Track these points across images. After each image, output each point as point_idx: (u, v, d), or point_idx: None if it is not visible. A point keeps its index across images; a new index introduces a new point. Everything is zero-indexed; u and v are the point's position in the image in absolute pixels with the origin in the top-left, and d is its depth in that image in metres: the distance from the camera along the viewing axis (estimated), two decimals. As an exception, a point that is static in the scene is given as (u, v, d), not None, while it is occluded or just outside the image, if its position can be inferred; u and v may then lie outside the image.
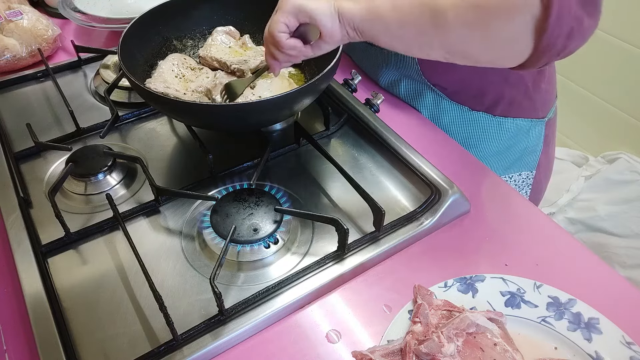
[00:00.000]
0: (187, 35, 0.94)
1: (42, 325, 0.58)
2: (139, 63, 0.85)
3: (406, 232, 0.70)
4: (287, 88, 0.82)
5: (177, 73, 0.84)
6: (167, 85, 0.80)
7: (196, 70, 0.86)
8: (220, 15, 0.94)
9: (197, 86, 0.82)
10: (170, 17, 0.89)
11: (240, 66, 0.84)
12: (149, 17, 0.85)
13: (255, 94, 0.80)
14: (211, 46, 0.88)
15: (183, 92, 0.80)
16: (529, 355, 0.57)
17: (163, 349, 0.57)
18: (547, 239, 0.71)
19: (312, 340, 0.60)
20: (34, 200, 0.75)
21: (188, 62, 0.87)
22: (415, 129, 0.90)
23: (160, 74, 0.82)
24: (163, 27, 0.89)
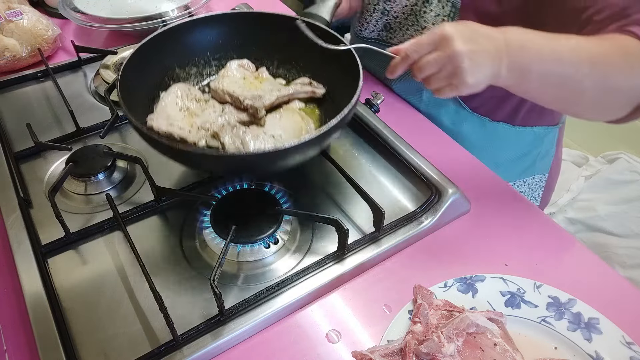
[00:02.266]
0: (190, 63, 0.85)
1: (42, 325, 0.58)
2: (140, 96, 0.76)
3: (406, 232, 0.70)
4: (299, 124, 0.75)
5: (181, 106, 0.76)
6: (171, 122, 0.72)
7: (201, 102, 0.79)
8: (227, 40, 0.85)
9: (202, 122, 0.74)
10: (172, 44, 0.81)
11: (253, 102, 0.75)
12: (148, 46, 0.77)
13: (267, 133, 0.73)
14: (224, 77, 0.80)
15: (188, 130, 0.72)
16: (529, 355, 0.57)
17: (163, 349, 0.57)
18: (547, 239, 0.71)
19: (312, 340, 0.60)
20: (34, 200, 0.75)
21: (193, 93, 0.79)
22: (415, 129, 0.90)
23: (163, 108, 0.74)
24: (164, 55, 0.81)
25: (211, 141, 0.72)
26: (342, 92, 0.72)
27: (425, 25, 0.85)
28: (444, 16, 0.82)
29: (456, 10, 0.81)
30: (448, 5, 0.81)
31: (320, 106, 0.81)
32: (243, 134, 0.71)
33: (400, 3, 0.87)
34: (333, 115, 0.66)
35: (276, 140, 0.72)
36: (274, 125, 0.75)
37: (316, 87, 0.80)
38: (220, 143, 0.71)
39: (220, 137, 0.71)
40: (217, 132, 0.72)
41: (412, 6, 0.86)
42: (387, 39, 0.94)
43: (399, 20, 0.89)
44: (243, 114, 0.76)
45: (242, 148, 0.69)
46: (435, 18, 0.83)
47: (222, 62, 0.85)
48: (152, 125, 0.70)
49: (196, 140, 0.71)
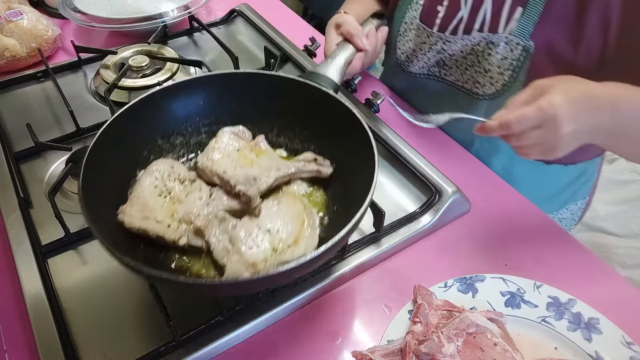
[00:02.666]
0: (175, 132, 0.72)
1: (42, 325, 0.58)
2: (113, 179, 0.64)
3: (406, 233, 0.70)
4: (301, 215, 0.63)
5: (161, 190, 0.64)
6: (146, 215, 0.61)
7: (187, 183, 0.66)
8: (218, 104, 0.73)
9: (185, 213, 0.62)
10: (153, 112, 0.69)
11: (247, 190, 0.63)
12: (124, 117, 0.64)
13: (261, 227, 0.61)
14: (214, 150, 0.68)
15: (167, 223, 0.61)
16: (529, 355, 0.57)
17: (163, 349, 0.57)
18: (547, 239, 0.71)
19: (312, 340, 0.60)
20: (34, 200, 0.75)
21: (176, 172, 0.66)
22: (415, 129, 0.90)
23: (139, 195, 0.62)
24: (143, 125, 0.68)
25: (194, 239, 0.61)
26: (352, 170, 0.64)
27: (489, 68, 0.80)
28: (512, 60, 0.77)
29: (528, 54, 0.75)
30: (518, 49, 0.75)
31: (327, 188, 0.69)
32: (232, 229, 0.61)
33: (459, 42, 0.82)
34: (341, 201, 0.63)
35: (272, 237, 0.61)
36: (270, 216, 0.63)
37: (322, 165, 0.68)
38: (205, 242, 0.61)
39: (205, 235, 0.60)
40: (201, 228, 0.60)
41: (473, 46, 0.81)
42: (439, 74, 0.90)
43: (455, 58, 0.85)
44: (234, 201, 0.64)
45: (230, 248, 0.59)
46: (502, 61, 0.78)
47: (214, 128, 0.72)
48: (124, 220, 0.60)
49: (176, 238, 0.60)
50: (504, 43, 0.76)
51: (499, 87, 0.80)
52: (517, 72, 0.77)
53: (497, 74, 0.79)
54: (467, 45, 0.81)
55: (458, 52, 0.83)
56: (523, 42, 0.74)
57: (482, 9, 0.78)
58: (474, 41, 0.80)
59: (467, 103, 0.87)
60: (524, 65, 0.76)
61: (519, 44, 0.75)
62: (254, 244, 0.60)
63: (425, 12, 0.85)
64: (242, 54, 1.02)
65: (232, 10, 1.18)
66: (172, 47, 1.06)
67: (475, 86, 0.84)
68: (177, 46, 1.09)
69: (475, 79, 0.83)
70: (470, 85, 0.85)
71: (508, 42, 0.76)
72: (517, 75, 0.77)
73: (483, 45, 0.79)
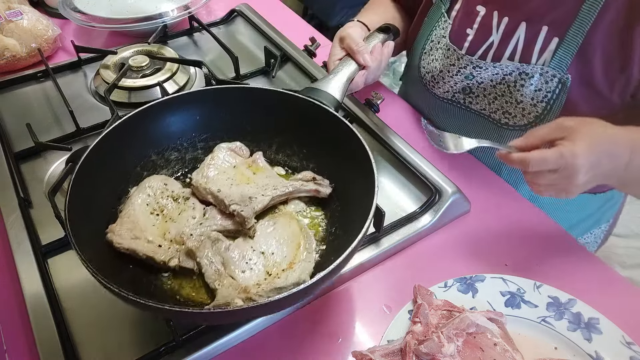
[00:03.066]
0: (170, 147, 0.70)
1: (42, 325, 0.58)
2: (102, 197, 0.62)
3: (406, 233, 0.70)
4: (297, 237, 0.61)
5: (153, 207, 0.62)
6: (136, 235, 0.59)
7: (180, 201, 0.64)
8: (214, 118, 0.71)
9: (177, 233, 0.60)
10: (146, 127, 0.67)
11: (241, 209, 0.60)
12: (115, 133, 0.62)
13: (255, 249, 0.60)
14: (209, 167, 0.66)
15: (158, 244, 0.59)
16: (529, 355, 0.57)
17: (163, 349, 0.57)
18: (547, 239, 0.71)
19: (312, 340, 0.60)
20: (34, 200, 0.75)
21: (170, 189, 0.65)
22: (415, 129, 0.90)
23: (129, 214, 0.61)
24: (137, 140, 0.67)
25: (186, 260, 0.59)
26: (351, 190, 0.63)
27: (521, 100, 0.77)
28: (547, 92, 0.74)
29: (564, 87, 0.72)
30: (554, 81, 0.73)
31: (325, 208, 0.68)
32: (225, 251, 0.59)
33: (490, 70, 0.79)
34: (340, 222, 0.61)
35: (266, 260, 0.59)
36: (265, 237, 0.61)
37: (321, 185, 0.67)
38: (196, 263, 0.59)
39: (196, 257, 0.58)
40: (192, 249, 0.59)
41: (504, 75, 0.77)
42: (464, 102, 0.86)
43: (483, 86, 0.81)
44: (228, 221, 0.62)
45: (222, 271, 0.57)
46: (536, 93, 0.75)
47: (210, 144, 0.71)
48: (113, 239, 0.58)
49: (166, 259, 0.59)
50: (539, 74, 0.74)
51: (531, 118, 0.77)
52: (551, 104, 0.74)
53: (530, 106, 0.76)
54: (497, 74, 0.78)
55: (487, 80, 0.80)
56: (560, 74, 0.72)
57: (515, 36, 0.75)
58: (505, 70, 0.77)
59: (495, 132, 0.83)
60: (559, 98, 0.73)
61: (555, 76, 0.72)
62: (247, 267, 0.58)
63: (454, 32, 0.82)
64: (242, 54, 1.02)
65: (232, 10, 1.18)
66: (172, 47, 1.06)
67: (505, 117, 0.80)
68: (177, 46, 1.09)
69: (505, 109, 0.80)
70: (499, 115, 0.81)
71: (543, 73, 0.73)
72: (551, 107, 0.74)
73: (515, 76, 0.76)
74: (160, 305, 0.47)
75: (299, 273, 0.57)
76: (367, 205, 0.55)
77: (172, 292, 0.59)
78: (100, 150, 0.60)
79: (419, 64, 0.90)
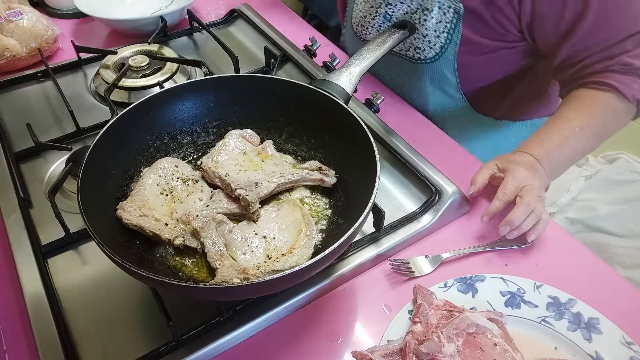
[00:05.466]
0: (183, 131, 0.72)
1: (42, 325, 0.58)
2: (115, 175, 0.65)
3: (406, 233, 0.70)
4: (299, 224, 0.63)
5: (163, 188, 0.64)
6: (145, 212, 0.61)
7: (189, 183, 0.67)
8: (227, 105, 0.73)
9: (184, 213, 0.62)
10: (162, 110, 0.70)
11: (246, 193, 0.62)
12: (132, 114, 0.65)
13: (258, 233, 0.62)
14: (220, 152, 0.68)
15: (165, 222, 0.62)
16: (529, 355, 0.57)
17: (163, 349, 0.57)
18: (547, 239, 0.71)
19: (312, 339, 0.60)
20: (34, 200, 0.75)
21: (180, 171, 0.67)
22: (415, 129, 0.90)
23: (140, 192, 0.63)
24: (152, 122, 0.69)
25: (190, 239, 0.61)
26: (355, 182, 0.64)
27: (426, 33, 0.86)
28: (446, 22, 0.83)
29: (459, 16, 0.81)
30: (450, 12, 0.82)
31: (329, 197, 0.69)
32: (229, 233, 0.61)
33: (401, 9, 0.88)
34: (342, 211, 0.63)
35: (267, 244, 0.61)
36: (268, 223, 0.63)
37: (326, 175, 0.68)
38: (200, 243, 0.61)
39: (200, 237, 0.60)
40: (197, 229, 0.61)
41: (411, 14, 0.86)
42: None
43: None
44: (234, 204, 0.64)
45: (224, 252, 0.59)
46: (437, 25, 0.84)
47: (222, 130, 0.73)
48: (122, 216, 0.60)
49: (171, 237, 0.61)
50: (437, 7, 0.83)
51: (437, 49, 0.87)
52: (451, 33, 0.84)
53: (434, 37, 0.85)
54: (406, 13, 0.87)
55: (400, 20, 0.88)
56: (454, 4, 0.81)
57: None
58: (411, 7, 0.86)
59: (411, 69, 0.93)
60: (457, 27, 0.83)
61: (450, 7, 0.81)
62: (249, 249, 0.60)
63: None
64: (242, 54, 1.02)
65: (232, 10, 1.18)
66: (172, 47, 1.06)
67: (417, 52, 0.89)
68: (177, 46, 1.09)
69: (415, 45, 0.89)
70: (412, 52, 0.90)
71: (441, 6, 0.82)
72: (451, 37, 0.84)
73: (420, 13, 0.85)
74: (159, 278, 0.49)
75: (297, 258, 0.59)
76: (368, 197, 0.56)
77: (175, 270, 0.61)
78: (116, 130, 0.63)
79: (351, 16, 0.99)
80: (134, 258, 0.59)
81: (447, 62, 0.88)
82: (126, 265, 0.49)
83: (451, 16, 0.82)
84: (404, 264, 0.67)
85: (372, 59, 0.77)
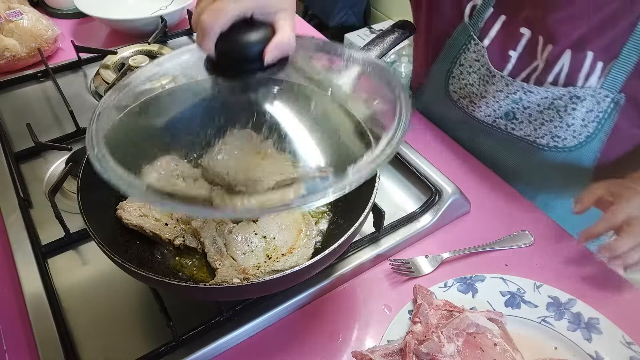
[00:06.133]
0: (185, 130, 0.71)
1: (42, 325, 0.58)
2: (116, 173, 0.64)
3: (406, 233, 0.70)
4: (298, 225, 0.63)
5: None
6: (144, 212, 0.61)
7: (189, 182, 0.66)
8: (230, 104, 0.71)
9: None
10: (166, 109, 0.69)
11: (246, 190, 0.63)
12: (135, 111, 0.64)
13: (258, 233, 0.62)
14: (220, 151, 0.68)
15: (165, 223, 0.63)
16: (529, 355, 0.57)
17: (163, 349, 0.57)
18: (547, 239, 0.71)
19: (312, 340, 0.60)
20: (34, 200, 0.75)
21: (180, 170, 0.66)
22: (415, 129, 0.90)
23: None
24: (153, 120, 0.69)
25: (190, 239, 0.62)
26: None
27: (573, 122, 0.74)
28: (599, 112, 0.72)
29: (616, 106, 0.71)
30: (606, 101, 0.71)
31: None
32: (229, 233, 0.61)
33: (539, 94, 0.75)
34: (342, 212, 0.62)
35: (267, 244, 0.62)
36: (268, 223, 0.63)
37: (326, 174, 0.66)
38: (200, 243, 0.61)
39: (200, 237, 0.61)
40: (197, 229, 0.61)
41: (553, 100, 0.74)
42: (505, 128, 0.81)
43: (529, 112, 0.77)
44: None
45: (224, 251, 0.60)
46: (587, 114, 0.73)
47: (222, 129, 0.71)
48: (122, 215, 0.61)
49: (171, 237, 0.61)
50: (590, 96, 0.71)
51: (582, 139, 0.76)
52: (602, 123, 0.73)
53: (581, 127, 0.75)
54: (546, 99, 0.74)
55: (534, 105, 0.76)
56: (613, 94, 0.71)
57: (559, 63, 0.72)
58: (555, 94, 0.73)
59: (538, 155, 0.81)
60: (611, 116, 0.73)
61: (608, 96, 0.71)
62: (248, 249, 0.61)
63: (494, 55, 0.77)
64: (242, 54, 1.02)
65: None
66: (172, 47, 1.06)
67: (554, 140, 0.78)
68: (177, 46, 1.09)
69: (554, 133, 0.77)
70: (546, 140, 0.78)
71: (594, 94, 0.71)
72: (602, 126, 0.74)
73: (566, 100, 0.73)
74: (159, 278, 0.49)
75: (297, 258, 0.59)
76: (368, 197, 0.56)
77: (175, 270, 0.61)
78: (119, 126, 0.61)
79: (447, 87, 0.86)
80: (134, 258, 0.59)
81: (589, 151, 0.77)
82: (126, 265, 0.50)
83: (606, 106, 0.72)
84: (404, 264, 0.67)
85: None
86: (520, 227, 0.73)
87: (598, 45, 0.69)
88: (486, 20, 0.77)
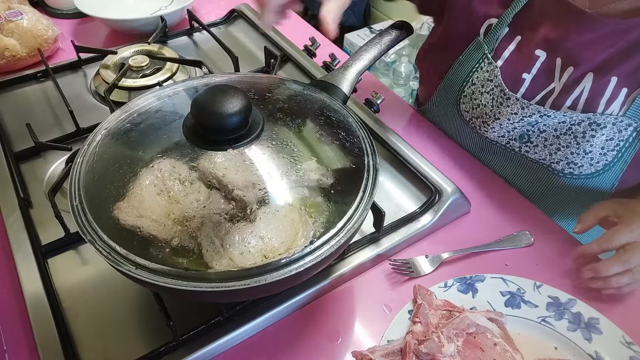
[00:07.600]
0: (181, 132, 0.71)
1: (42, 325, 0.58)
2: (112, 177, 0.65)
3: (406, 233, 0.70)
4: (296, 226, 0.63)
5: (160, 189, 0.64)
6: (141, 213, 0.61)
7: (186, 184, 0.66)
8: None
9: (181, 214, 0.63)
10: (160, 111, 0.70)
11: (244, 194, 0.63)
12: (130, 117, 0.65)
13: (255, 233, 0.62)
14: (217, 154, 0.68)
15: (162, 223, 0.63)
16: (529, 355, 0.57)
17: (163, 349, 0.57)
18: (547, 239, 0.71)
19: (312, 340, 0.60)
20: (34, 200, 0.75)
21: (177, 172, 0.67)
22: (415, 129, 0.90)
23: (137, 193, 0.63)
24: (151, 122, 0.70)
25: (187, 240, 0.61)
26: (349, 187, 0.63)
27: (590, 150, 0.71)
28: (619, 140, 0.70)
29: (639, 135, 0.69)
30: (628, 130, 0.68)
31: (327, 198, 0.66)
32: (225, 234, 0.61)
33: (556, 118, 0.72)
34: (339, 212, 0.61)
35: (265, 245, 0.61)
36: (266, 223, 0.63)
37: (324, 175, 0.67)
38: (197, 243, 0.61)
39: (197, 238, 0.61)
40: (194, 230, 0.61)
41: (572, 125, 0.71)
42: (519, 150, 0.79)
43: (545, 135, 0.74)
44: (231, 205, 0.64)
45: (221, 251, 0.60)
46: (607, 142, 0.70)
47: None
48: (119, 216, 0.61)
49: (168, 238, 0.61)
50: (612, 124, 0.69)
51: (599, 167, 0.73)
52: (622, 152, 0.71)
53: (599, 155, 0.72)
54: (564, 123, 0.71)
55: (551, 129, 0.73)
56: (636, 122, 0.68)
57: (580, 87, 0.70)
58: (574, 120, 0.70)
59: (553, 180, 0.78)
60: (632, 145, 0.70)
61: (630, 125, 0.68)
62: (246, 249, 0.60)
63: (507, 76, 0.75)
64: (242, 54, 1.02)
65: (232, 10, 1.18)
66: (172, 47, 1.06)
67: (570, 167, 0.74)
68: (177, 46, 1.09)
69: (570, 160, 0.74)
70: (562, 165, 0.75)
71: (616, 122, 0.68)
72: (622, 155, 0.71)
73: (584, 126, 0.70)
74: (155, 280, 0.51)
75: None
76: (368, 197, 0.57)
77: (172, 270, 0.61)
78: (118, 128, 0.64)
79: (458, 107, 0.84)
80: None
81: (607, 180, 0.74)
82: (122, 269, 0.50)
83: (628, 135, 0.69)
84: (404, 264, 0.67)
85: (370, 59, 0.76)
86: (520, 227, 0.73)
87: (623, 71, 0.67)
88: (501, 40, 0.76)
